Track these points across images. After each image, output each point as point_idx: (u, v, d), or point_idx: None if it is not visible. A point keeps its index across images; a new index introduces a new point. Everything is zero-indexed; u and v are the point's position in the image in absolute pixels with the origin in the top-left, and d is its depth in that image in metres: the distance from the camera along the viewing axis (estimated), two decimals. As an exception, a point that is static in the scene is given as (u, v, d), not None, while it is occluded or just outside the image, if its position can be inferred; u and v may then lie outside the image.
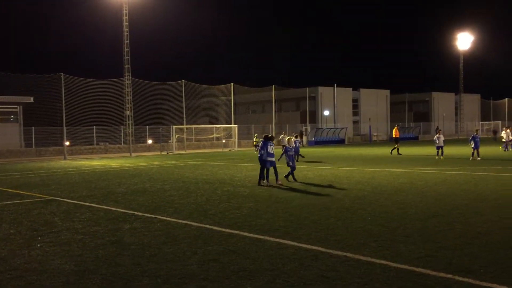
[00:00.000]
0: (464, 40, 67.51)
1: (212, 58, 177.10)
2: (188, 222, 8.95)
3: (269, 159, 14.63)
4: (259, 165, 15.04)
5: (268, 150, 14.64)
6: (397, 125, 33.19)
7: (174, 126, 42.37)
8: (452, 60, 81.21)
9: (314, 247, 6.84)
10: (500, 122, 76.87)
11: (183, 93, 46.68)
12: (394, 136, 30.39)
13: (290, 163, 15.70)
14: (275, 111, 54.76)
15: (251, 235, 7.76)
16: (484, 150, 27.21)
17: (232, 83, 50.48)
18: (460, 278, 5.35)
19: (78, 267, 6.19)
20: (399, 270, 5.74)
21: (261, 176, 14.68)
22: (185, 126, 45.60)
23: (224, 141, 47.04)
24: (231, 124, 49.40)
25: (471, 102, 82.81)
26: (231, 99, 51.30)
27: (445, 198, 11.04)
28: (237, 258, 6.43)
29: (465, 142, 37.75)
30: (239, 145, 47.25)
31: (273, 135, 17.40)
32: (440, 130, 25.84)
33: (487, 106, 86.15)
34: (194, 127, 48.13)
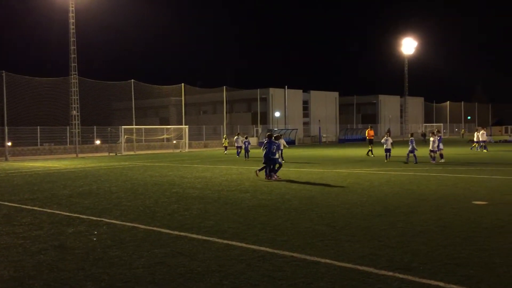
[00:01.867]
0: (408, 45, 69.99)
1: (163, 58, 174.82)
2: (135, 225, 8.80)
3: (272, 157, 16.04)
4: (208, 166, 15.01)
5: (271, 150, 16.08)
6: (370, 126, 32.29)
7: (123, 127, 41.50)
8: (398, 64, 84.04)
9: (261, 248, 6.90)
10: (442, 124, 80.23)
11: (133, 93, 45.83)
12: (368, 137, 30.09)
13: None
14: (226, 112, 54.77)
15: (200, 237, 7.73)
16: (424, 151, 28.25)
17: (182, 84, 50.06)
18: (401, 275, 5.56)
19: (18, 273, 5.96)
20: (343, 268, 5.89)
21: (266, 172, 16.15)
22: (134, 126, 44.77)
23: (174, 142, 46.53)
24: (181, 125, 48.95)
25: (415, 104, 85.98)
26: (181, 100, 50.84)
27: (389, 198, 11.42)
28: (185, 260, 6.39)
29: (403, 143, 39.14)
30: (190, 146, 46.90)
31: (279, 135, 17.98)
32: (389, 132, 26.32)
33: (430, 108, 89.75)
34: (144, 128, 47.32)
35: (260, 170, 16.67)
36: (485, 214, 9.15)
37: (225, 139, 36.22)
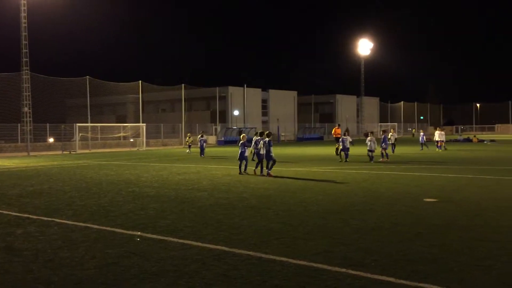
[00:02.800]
0: (364, 46, 71.48)
1: (120, 55, 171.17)
2: (88, 225, 8.59)
3: (270, 154, 16.73)
4: (165, 164, 14.84)
5: (258, 146, 17.22)
6: (338, 124, 31.59)
7: (78, 124, 40.40)
8: (354, 65, 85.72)
9: (218, 247, 6.88)
10: (396, 124, 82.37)
11: (88, 89, 44.66)
12: (334, 135, 29.58)
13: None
14: (185, 110, 54.25)
15: (155, 236, 7.63)
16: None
17: (140, 81, 49.24)
18: (353, 272, 5.66)
19: (-39, 277, 5.69)
20: (298, 266, 5.95)
21: (261, 168, 17.16)
22: (89, 124, 43.66)
23: (131, 140, 45.73)
24: (139, 122, 48.15)
25: (371, 104, 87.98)
26: (139, 97, 50.00)
27: (345, 196, 11.63)
28: (139, 260, 6.28)
29: (360, 142, 40.04)
30: (148, 144, 46.22)
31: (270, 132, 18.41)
32: (347, 131, 26.51)
33: (385, 108, 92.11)
34: (100, 126, 46.22)
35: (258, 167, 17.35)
36: (435, 211, 9.47)
37: (189, 137, 34.61)
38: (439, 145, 31.69)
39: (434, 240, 7.09)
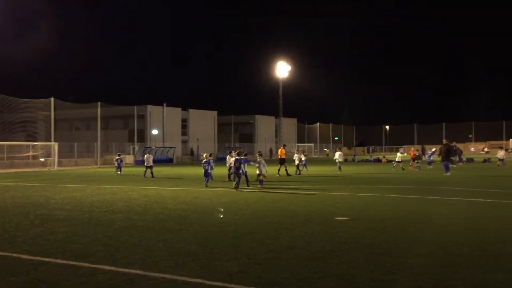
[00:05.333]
0: (282, 69, 73.59)
1: (32, 71, 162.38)
2: (-9, 252, 8.04)
3: (237, 171, 18.79)
4: (78, 185, 14.27)
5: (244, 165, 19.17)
6: (284, 145, 31.46)
7: (-19, 143, 37.66)
8: (273, 86, 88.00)
9: (131, 271, 6.74)
10: (312, 144, 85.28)
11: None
12: (280, 156, 28.77)
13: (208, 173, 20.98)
14: (101, 129, 52.44)
15: (64, 262, 7.31)
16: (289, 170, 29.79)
17: (52, 98, 47.03)
18: (267, 291, 5.81)
19: None
20: (213, 287, 6.00)
21: (237, 183, 18.68)
22: (-5, 142, 40.81)
23: (42, 159, 43.32)
24: (50, 141, 45.79)
25: (289, 125, 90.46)
26: (51, 115, 47.66)
27: (261, 215, 11.86)
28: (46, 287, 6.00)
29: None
30: (60, 164, 44.03)
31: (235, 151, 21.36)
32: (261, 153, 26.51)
33: (302, 129, 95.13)
34: (6, 144, 43.35)
35: (238, 185, 18.65)
36: (346, 229, 9.93)
37: (119, 155, 32.67)
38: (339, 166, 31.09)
39: (343, 257, 7.45)
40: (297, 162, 28.89)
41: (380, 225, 10.30)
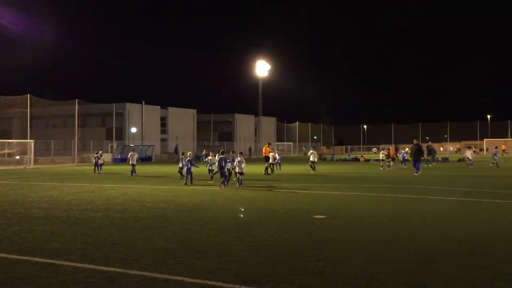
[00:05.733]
0: (262, 68, 73.78)
1: (8, 67, 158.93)
2: (-33, 251, 7.95)
3: (221, 170, 19.46)
4: (56, 183, 14.15)
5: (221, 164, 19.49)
6: (268, 144, 31.44)
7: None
8: (253, 85, 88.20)
9: (111, 269, 6.76)
10: (292, 143, 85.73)
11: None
12: (264, 154, 28.84)
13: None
14: (78, 127, 51.77)
15: (43, 260, 7.29)
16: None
17: (28, 95, 46.28)
18: (245, 287, 5.91)
19: None
20: (193, 284, 6.07)
21: (223, 181, 19.25)
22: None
23: (17, 157, 42.58)
24: (26, 139, 45.04)
25: (268, 124, 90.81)
26: (27, 112, 46.87)
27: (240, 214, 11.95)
28: (26, 286, 5.99)
29: (261, 161, 41.20)
30: (36, 162, 43.36)
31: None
32: (240, 152, 26.23)
33: (281, 128, 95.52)
34: (-19, 142, 42.50)
35: (225, 182, 19.19)
36: (323, 227, 10.11)
37: (100, 155, 31.93)
38: (312, 165, 30.21)
39: (321, 254, 7.60)
40: (271, 161, 28.89)
41: (357, 223, 10.51)
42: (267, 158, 28.51)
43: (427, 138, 27.09)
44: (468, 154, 36.04)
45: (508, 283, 6.12)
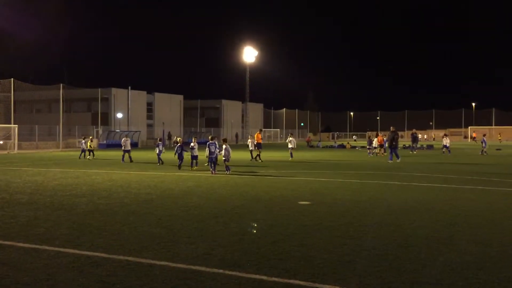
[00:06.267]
0: (249, 54, 73.47)
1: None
2: (-50, 236, 7.91)
3: (210, 155, 19.22)
4: (40, 169, 14.07)
5: (211, 149, 19.24)
6: (260, 130, 31.19)
7: None
8: (240, 71, 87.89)
9: (96, 254, 6.79)
10: (279, 129, 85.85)
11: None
12: (256, 141, 28.31)
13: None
14: (63, 111, 51.23)
15: (27, 245, 7.28)
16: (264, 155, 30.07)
17: (12, 79, 45.58)
18: (230, 272, 5.99)
19: None
20: (177, 269, 6.13)
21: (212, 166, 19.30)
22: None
23: (1, 142, 42.10)
24: (10, 123, 44.48)
25: (256, 110, 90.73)
26: (10, 96, 46.21)
27: (226, 200, 12.03)
28: (10, 271, 6.00)
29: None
30: (20, 147, 42.91)
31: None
32: (215, 137, 25.50)
33: (268, 114, 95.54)
34: (-37, 126, 41.90)
35: (213, 168, 19.26)
36: (308, 213, 10.22)
37: (91, 140, 31.01)
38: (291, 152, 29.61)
39: (304, 239, 7.71)
40: (250, 148, 28.86)
41: (341, 209, 10.64)
42: (259, 145, 28.43)
43: (392, 127, 26.78)
44: (445, 141, 36.51)
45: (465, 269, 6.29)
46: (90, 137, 32.49)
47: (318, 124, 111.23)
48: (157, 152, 25.10)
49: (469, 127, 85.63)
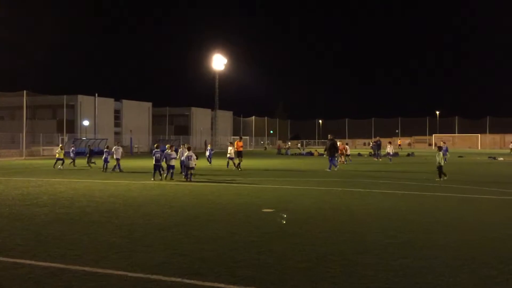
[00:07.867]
0: (218, 61, 73.50)
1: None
2: None
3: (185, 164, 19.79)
4: (1, 178, 13.70)
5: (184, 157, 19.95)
6: (240, 138, 30.71)
7: None
8: (209, 79, 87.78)
9: (52, 264, 6.70)
10: (248, 137, 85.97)
11: None
12: (237, 149, 27.64)
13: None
14: (26, 119, 50.01)
15: (-19, 257, 7.12)
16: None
17: (-27, 85, 44.28)
18: (188, 281, 6.02)
19: None
20: (135, 278, 6.11)
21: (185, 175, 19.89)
22: None
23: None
24: (-29, 131, 43.15)
25: (225, 118, 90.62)
26: (-29, 103, 44.91)
27: (189, 208, 12.01)
28: (-40, 283, 5.86)
29: (217, 154, 41.21)
30: (-19, 156, 41.62)
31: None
32: (184, 145, 25.40)
33: (238, 122, 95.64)
34: None
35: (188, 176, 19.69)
36: (270, 220, 10.32)
37: (61, 149, 29.65)
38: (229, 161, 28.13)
39: (264, 247, 7.79)
40: (229, 155, 28.83)
41: (303, 216, 10.79)
42: (239, 153, 27.97)
43: (330, 135, 26.91)
44: (389, 149, 36.87)
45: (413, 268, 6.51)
46: (61, 146, 31.76)
47: (288, 131, 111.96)
48: (103, 157, 25.85)
49: (433, 135, 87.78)
